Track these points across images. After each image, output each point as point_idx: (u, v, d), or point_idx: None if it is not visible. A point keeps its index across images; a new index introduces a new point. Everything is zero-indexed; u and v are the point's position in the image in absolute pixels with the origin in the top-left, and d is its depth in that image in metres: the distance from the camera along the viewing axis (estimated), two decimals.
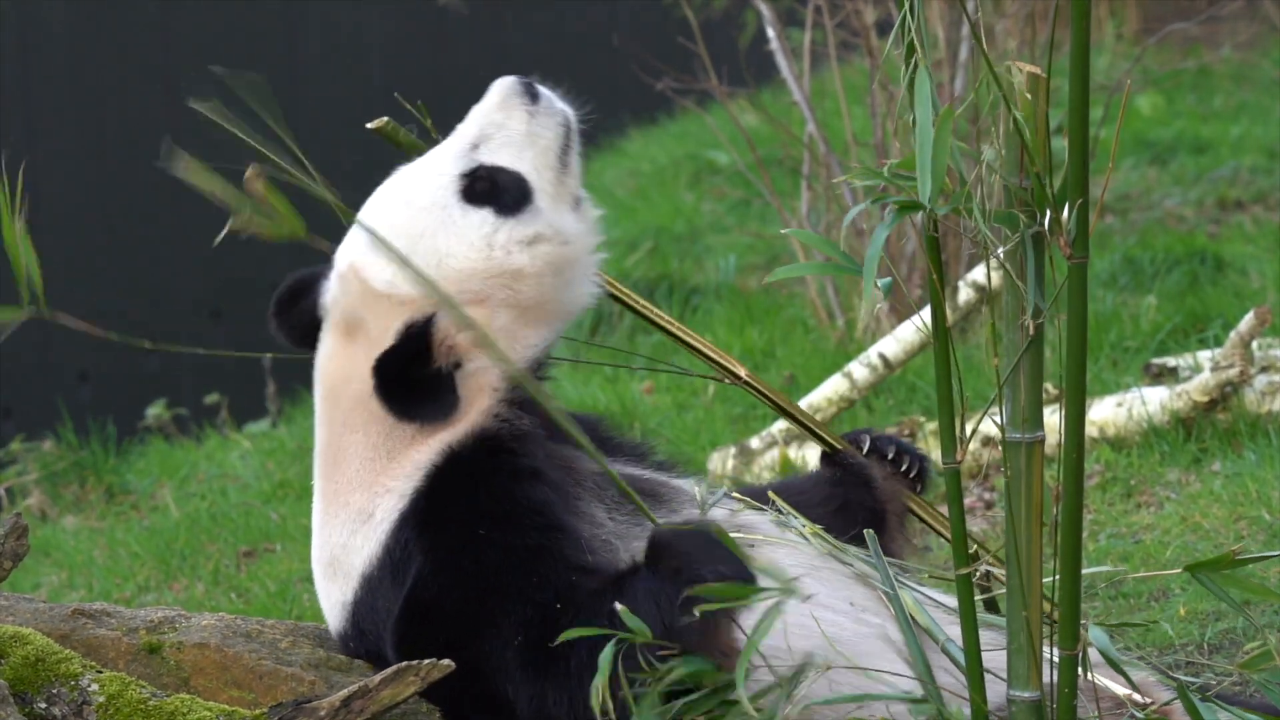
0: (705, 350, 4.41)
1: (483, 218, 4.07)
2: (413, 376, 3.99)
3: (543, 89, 4.17)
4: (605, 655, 3.59)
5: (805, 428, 4.44)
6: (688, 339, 4.41)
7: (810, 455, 6.19)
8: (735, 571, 3.71)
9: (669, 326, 4.43)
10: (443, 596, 3.93)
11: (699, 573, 3.71)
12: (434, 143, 4.28)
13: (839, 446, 4.42)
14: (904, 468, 4.39)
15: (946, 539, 4.25)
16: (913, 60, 3.39)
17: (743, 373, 4.39)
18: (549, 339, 4.12)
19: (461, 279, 4.04)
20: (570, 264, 4.11)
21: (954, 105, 3.40)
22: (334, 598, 4.13)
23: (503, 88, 4.16)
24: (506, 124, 4.14)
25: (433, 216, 4.07)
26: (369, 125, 4.34)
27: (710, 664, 3.69)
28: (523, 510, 3.95)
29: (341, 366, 4.10)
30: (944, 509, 4.07)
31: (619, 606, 3.64)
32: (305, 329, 4.22)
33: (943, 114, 3.36)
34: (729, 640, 3.72)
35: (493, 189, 4.09)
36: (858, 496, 4.31)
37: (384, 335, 4.03)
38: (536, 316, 4.09)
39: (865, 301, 3.40)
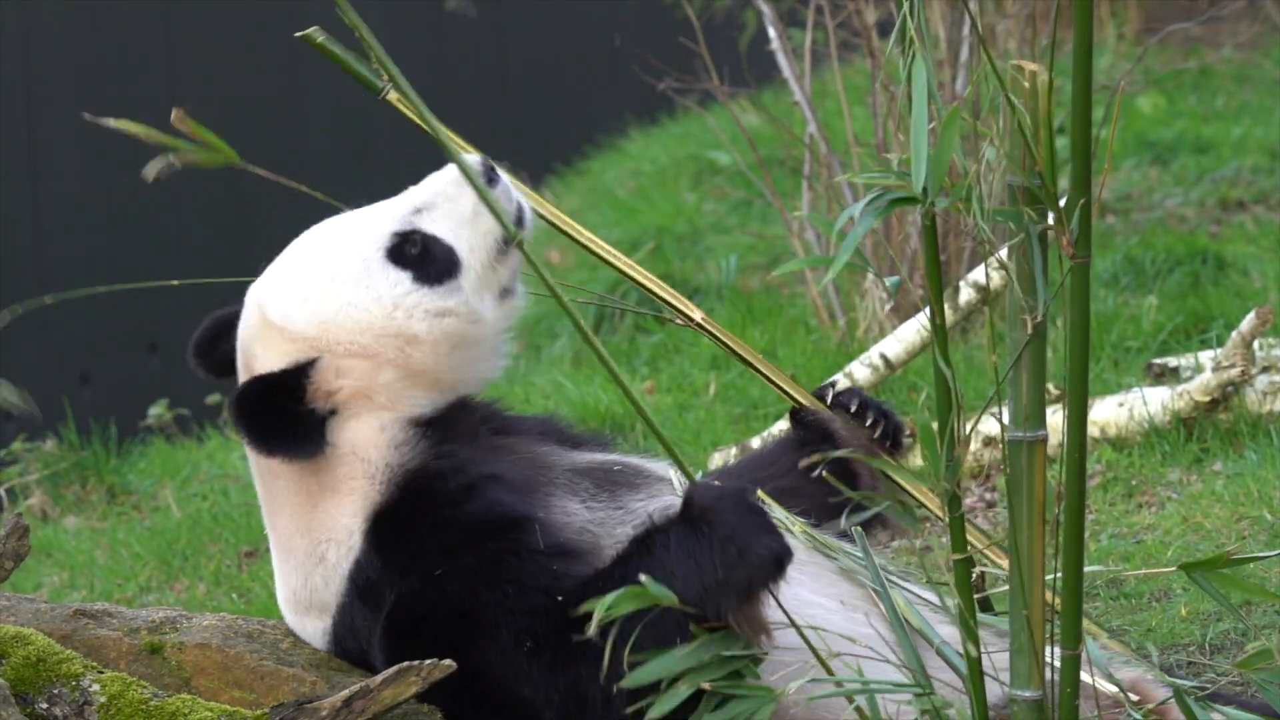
0: (659, 291, 4.38)
1: (399, 279, 4.07)
2: (278, 411, 3.96)
3: (504, 176, 4.14)
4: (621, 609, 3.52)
5: (767, 379, 4.39)
6: (640, 278, 4.38)
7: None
8: (780, 546, 3.70)
9: (615, 261, 4.39)
10: (425, 623, 3.94)
11: (749, 544, 3.69)
12: (365, 58, 4.21)
13: (801, 400, 4.37)
14: (869, 422, 4.35)
15: (913, 497, 4.19)
16: (911, 51, 3.37)
17: (697, 315, 4.36)
18: (439, 402, 4.10)
19: (357, 330, 4.03)
20: (472, 342, 4.10)
21: (959, 104, 3.38)
22: (311, 630, 4.15)
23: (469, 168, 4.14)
24: (456, 199, 4.13)
25: (354, 264, 4.07)
26: (296, 34, 4.32)
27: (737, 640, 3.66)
28: (467, 527, 3.93)
29: None
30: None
31: (644, 578, 3.57)
32: (229, 369, 4.21)
33: (949, 113, 3.35)
34: (764, 617, 3.70)
35: (422, 256, 4.08)
36: (822, 452, 4.25)
37: (268, 369, 4.03)
38: (427, 381, 4.08)
39: (832, 271, 3.38)
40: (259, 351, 4.06)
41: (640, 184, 12.08)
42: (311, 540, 4.06)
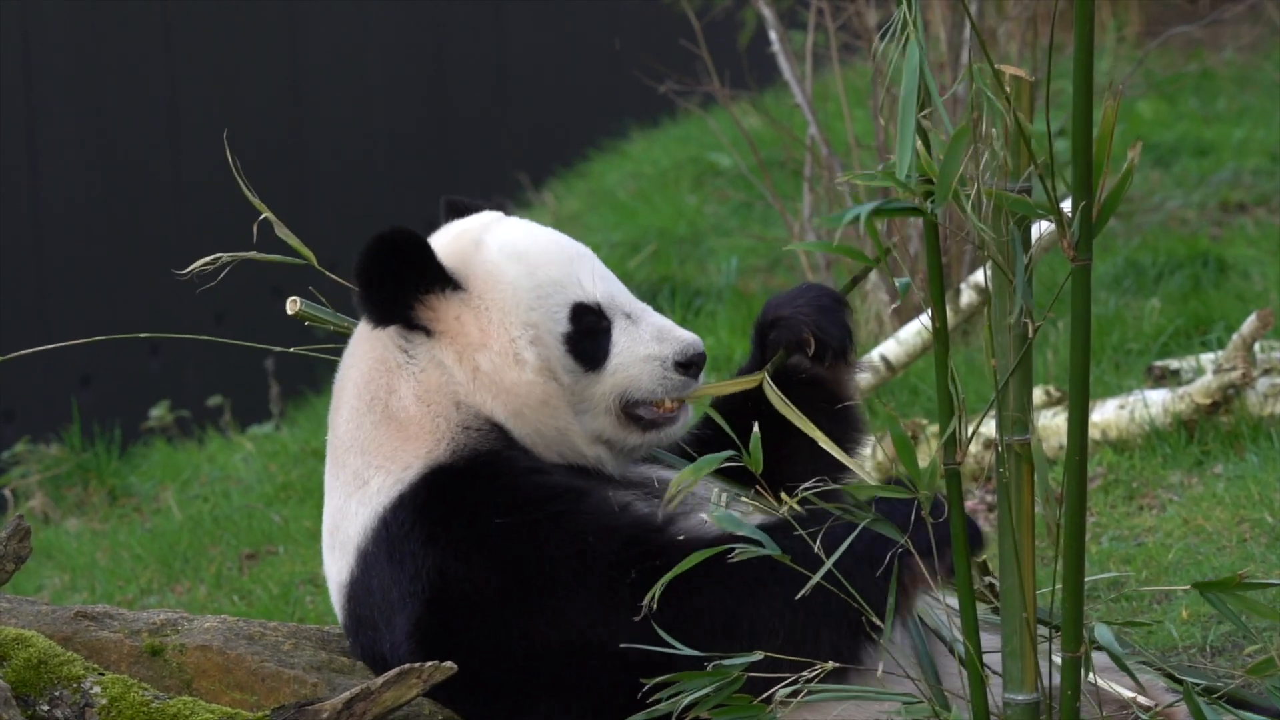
0: None
1: (564, 329, 4.08)
2: (398, 262, 4.00)
3: (699, 382, 4.13)
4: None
5: None
6: None
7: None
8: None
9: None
10: (478, 588, 3.92)
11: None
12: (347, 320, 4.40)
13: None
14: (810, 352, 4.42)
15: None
16: (905, 36, 3.34)
17: None
18: (509, 427, 4.10)
19: (508, 305, 4.05)
20: (548, 416, 4.08)
21: (957, 109, 3.37)
22: (333, 575, 4.14)
23: (689, 346, 4.15)
24: (660, 343, 4.13)
25: (558, 273, 4.10)
26: (289, 311, 4.44)
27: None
28: (528, 491, 3.96)
29: None
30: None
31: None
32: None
33: (957, 132, 3.33)
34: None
35: (594, 339, 4.09)
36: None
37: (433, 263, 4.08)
38: (502, 393, 4.07)
39: (807, 249, 3.38)
40: (439, 246, 4.09)
41: (641, 186, 12.08)
42: (364, 459, 4.07)
